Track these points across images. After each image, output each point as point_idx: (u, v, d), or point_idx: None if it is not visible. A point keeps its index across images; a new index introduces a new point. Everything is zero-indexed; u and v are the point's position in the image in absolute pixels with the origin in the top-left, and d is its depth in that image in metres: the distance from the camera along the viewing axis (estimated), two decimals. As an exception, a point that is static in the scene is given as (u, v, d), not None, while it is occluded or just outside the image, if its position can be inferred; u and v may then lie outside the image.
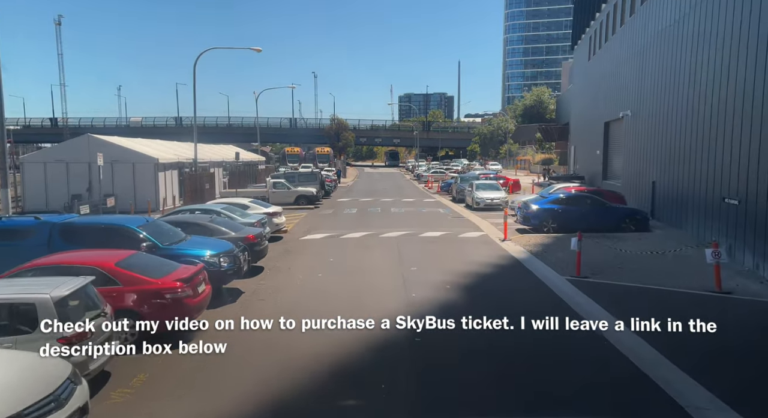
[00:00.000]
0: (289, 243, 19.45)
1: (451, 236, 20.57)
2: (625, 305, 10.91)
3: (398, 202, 34.36)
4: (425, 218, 26.15)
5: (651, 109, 23.90)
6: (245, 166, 44.63)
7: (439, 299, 12.00)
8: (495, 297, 12.44)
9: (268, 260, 15.85)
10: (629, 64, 27.81)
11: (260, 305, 11.90)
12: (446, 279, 13.67)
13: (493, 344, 8.55)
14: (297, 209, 30.08)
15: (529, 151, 78.16)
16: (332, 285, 13.47)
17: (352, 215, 27.47)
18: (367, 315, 8.09)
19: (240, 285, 13.12)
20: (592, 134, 37.66)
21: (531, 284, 13.67)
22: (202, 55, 32.20)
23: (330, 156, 77.68)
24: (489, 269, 15.57)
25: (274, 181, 30.86)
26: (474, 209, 28.76)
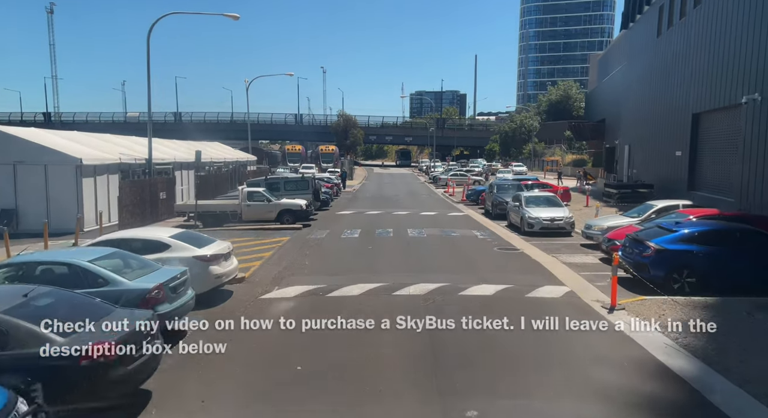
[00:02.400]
0: (234, 311, 10.89)
1: (516, 296, 11.91)
2: None
3: (416, 218, 25.71)
4: (460, 251, 17.51)
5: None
6: (229, 167, 36.20)
7: None
8: None
9: (161, 377, 7.38)
10: (755, 30, 18.98)
11: None
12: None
13: None
14: (279, 229, 21.57)
15: (557, 151, 69.15)
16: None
17: (352, 244, 18.88)
18: None
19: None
20: (665, 130, 28.77)
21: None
22: (160, 20, 23.74)
23: (335, 155, 68.92)
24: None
25: (249, 191, 22.34)
26: (526, 232, 20.08)
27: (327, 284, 12.78)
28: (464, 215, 27.33)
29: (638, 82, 35.52)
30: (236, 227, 21.64)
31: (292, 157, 67.97)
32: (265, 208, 22.18)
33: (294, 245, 18.42)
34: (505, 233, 21.00)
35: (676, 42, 27.88)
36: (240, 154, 40.39)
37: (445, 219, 25.71)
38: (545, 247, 17.57)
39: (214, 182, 30.60)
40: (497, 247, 17.67)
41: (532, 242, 18.67)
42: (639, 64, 35.58)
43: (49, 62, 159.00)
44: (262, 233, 20.66)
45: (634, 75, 37.07)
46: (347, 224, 23.75)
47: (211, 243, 11.80)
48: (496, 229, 22.03)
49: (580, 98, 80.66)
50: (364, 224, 23.70)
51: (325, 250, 17.56)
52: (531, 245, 17.94)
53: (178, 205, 22.07)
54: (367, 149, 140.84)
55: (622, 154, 39.67)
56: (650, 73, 32.41)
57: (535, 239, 19.19)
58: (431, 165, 66.30)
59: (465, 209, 30.18)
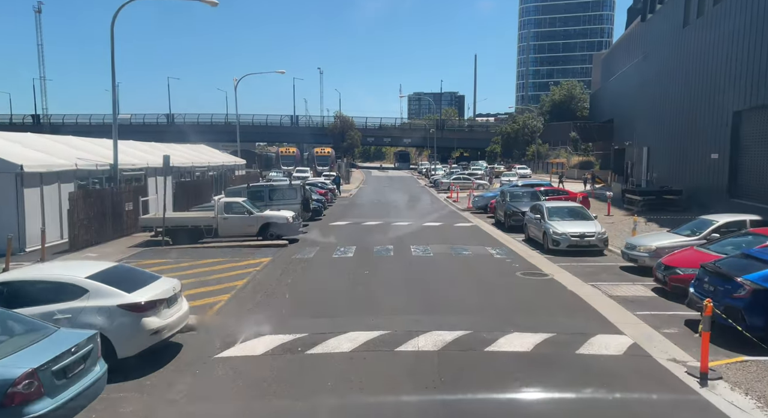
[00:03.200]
0: (172, 385, 7.66)
1: (563, 354, 8.70)
2: None
3: (419, 231, 22.55)
4: (477, 277, 14.31)
5: None
6: (214, 172, 32.98)
7: None
8: None
9: None
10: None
11: None
12: None
13: None
14: (261, 246, 18.36)
15: (562, 153, 66.05)
16: None
17: (345, 266, 15.69)
18: None
19: None
20: (695, 129, 25.65)
21: None
22: (126, 5, 20.50)
23: (331, 157, 65.55)
24: None
25: (227, 202, 19.12)
26: (550, 250, 16.90)
27: (309, 332, 9.59)
28: (473, 227, 24.16)
29: (658, 78, 32.40)
30: (211, 244, 18.45)
31: (286, 160, 64.55)
32: (245, 221, 18.98)
33: (275, 268, 15.22)
34: (524, 250, 17.83)
35: (709, 31, 24.78)
36: (227, 158, 37.15)
37: (451, 231, 22.54)
38: (579, 271, 14.40)
39: (195, 190, 27.38)
40: (520, 271, 14.47)
41: (560, 263, 15.50)
42: (659, 58, 32.48)
43: (37, 63, 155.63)
44: (241, 252, 17.48)
45: (652, 70, 33.96)
46: (341, 238, 20.56)
47: (150, 283, 8.60)
48: (512, 245, 18.86)
49: (584, 98, 77.66)
50: (360, 238, 20.52)
51: (311, 276, 14.36)
52: (560, 268, 14.77)
53: (144, 218, 18.89)
54: (365, 151, 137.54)
55: (639, 157, 36.55)
56: (674, 67, 29.30)
57: (563, 258, 16.03)
58: (431, 168, 63.15)
59: (472, 219, 27.02)
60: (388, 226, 24.05)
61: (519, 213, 21.88)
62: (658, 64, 32.59)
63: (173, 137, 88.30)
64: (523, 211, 21.72)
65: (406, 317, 10.47)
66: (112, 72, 20.97)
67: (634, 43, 46.67)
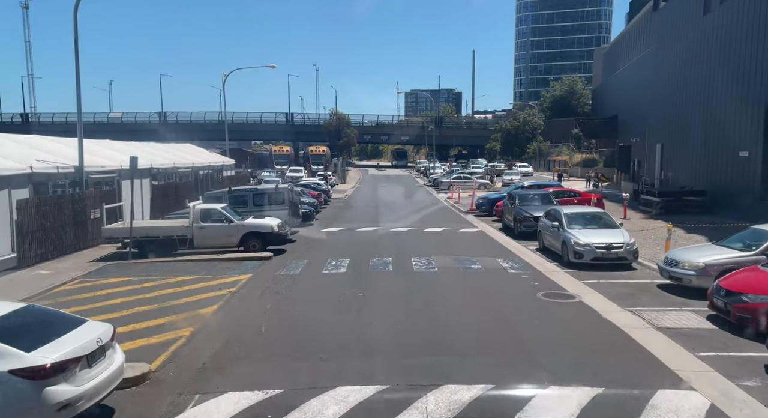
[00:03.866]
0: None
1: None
2: None
3: (420, 238, 20.34)
4: (491, 301, 12.06)
5: None
6: (199, 174, 30.66)
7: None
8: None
9: None
10: None
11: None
12: None
13: None
14: (242, 259, 16.09)
15: (564, 151, 63.84)
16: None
17: (335, 287, 13.43)
18: None
19: None
20: (720, 125, 23.46)
21: None
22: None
23: (326, 156, 63.08)
24: None
25: (203, 209, 16.81)
26: (571, 263, 14.67)
27: (285, 387, 7.35)
28: (479, 233, 21.92)
29: (673, 70, 30.17)
30: (185, 257, 16.18)
31: (280, 159, 62.05)
32: (224, 230, 16.70)
33: (254, 288, 12.97)
34: (540, 262, 15.60)
35: (735, 17, 22.57)
36: (214, 158, 34.80)
37: (456, 239, 20.31)
38: (610, 291, 12.17)
39: (177, 193, 25.07)
40: (542, 292, 12.23)
41: (585, 280, 13.28)
42: (674, 48, 30.24)
43: (25, 60, 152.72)
44: (217, 267, 15.21)
45: (666, 62, 31.73)
46: (333, 248, 18.31)
47: (64, 334, 6.31)
48: (526, 256, 16.62)
49: (586, 94, 75.44)
50: (354, 248, 18.27)
51: (295, 300, 12.09)
52: (588, 288, 12.54)
53: (108, 228, 16.57)
54: (362, 149, 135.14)
55: (651, 154, 34.35)
56: (693, 57, 27.08)
57: (587, 274, 13.80)
58: (430, 166, 60.87)
59: (477, 223, 24.80)
60: (385, 232, 21.82)
61: (531, 218, 19.67)
62: (673, 55, 30.36)
63: (165, 136, 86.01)
64: (535, 216, 19.52)
65: (410, 361, 8.24)
66: (76, 62, 18.75)
67: (642, 35, 44.40)
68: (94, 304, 11.52)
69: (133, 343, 9.01)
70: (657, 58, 33.69)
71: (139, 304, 11.52)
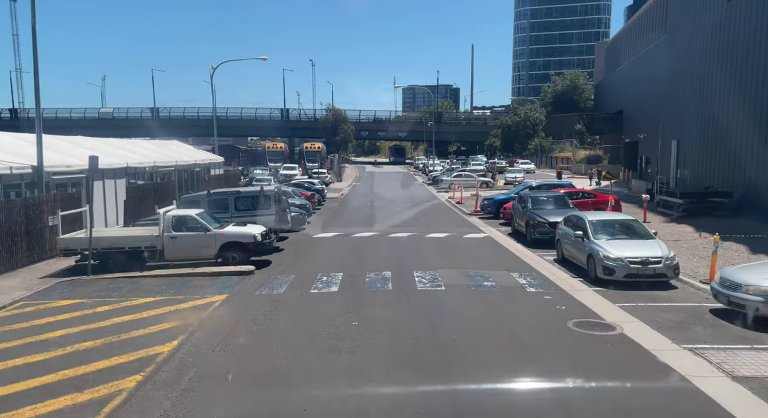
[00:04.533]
0: None
1: None
2: None
3: (423, 246, 18.19)
4: (513, 333, 9.89)
5: None
6: (183, 173, 28.41)
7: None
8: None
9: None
10: None
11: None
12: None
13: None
14: (218, 274, 13.93)
15: (567, 147, 61.70)
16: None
17: (326, 308, 11.29)
18: None
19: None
20: (750, 120, 21.34)
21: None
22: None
23: (321, 153, 60.69)
24: None
25: (175, 216, 14.61)
26: (600, 280, 12.53)
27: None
28: (487, 239, 19.78)
29: (692, 61, 28.02)
30: (153, 273, 14.00)
31: (273, 156, 59.59)
32: (199, 240, 14.51)
33: (228, 315, 10.82)
34: (562, 277, 13.47)
35: (765, 2, 20.43)
36: (201, 156, 32.54)
37: (462, 247, 18.16)
38: (655, 319, 10.04)
39: (156, 195, 22.82)
40: (572, 320, 10.09)
41: (620, 302, 11.16)
42: (693, 38, 28.07)
43: (13, 54, 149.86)
44: (190, 284, 13.05)
45: (682, 52, 29.56)
46: (324, 259, 16.15)
47: None
48: (544, 269, 14.49)
49: (588, 89, 73.29)
50: (349, 259, 16.12)
51: (275, 332, 9.90)
52: (626, 314, 10.41)
53: (64, 239, 14.33)
54: (359, 145, 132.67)
55: (665, 152, 32.24)
56: (715, 47, 24.92)
57: (622, 294, 11.67)
58: (429, 163, 58.68)
59: (483, 226, 22.66)
60: (383, 239, 19.67)
61: (545, 224, 17.54)
62: (691, 45, 28.20)
63: (157, 132, 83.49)
64: (550, 221, 17.40)
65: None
66: (33, 54, 16.49)
67: (651, 26, 42.30)
68: (26, 338, 9.36)
69: (51, 404, 6.84)
70: (671, 49, 31.54)
71: (83, 338, 9.36)
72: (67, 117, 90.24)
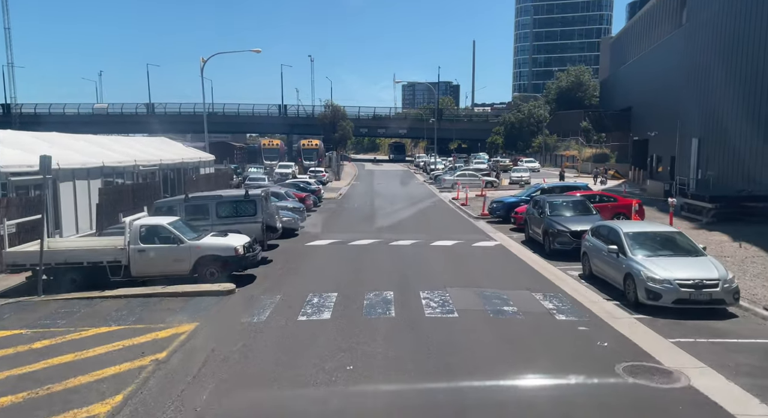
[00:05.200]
0: None
1: None
2: None
3: (428, 257, 16.10)
4: (545, 374, 7.87)
5: None
6: (168, 172, 26.30)
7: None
8: None
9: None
10: None
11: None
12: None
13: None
14: (193, 294, 11.84)
15: (572, 145, 59.59)
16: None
17: (315, 343, 9.22)
18: None
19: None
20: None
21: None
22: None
23: (319, 150, 58.44)
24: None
25: (144, 225, 12.52)
26: (641, 304, 10.47)
27: None
28: (499, 248, 17.70)
29: (715, 53, 25.91)
30: (116, 292, 11.92)
31: (269, 154, 57.34)
32: (171, 254, 12.43)
33: (192, 354, 8.74)
34: (594, 300, 11.40)
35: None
36: (190, 153, 30.37)
37: (472, 258, 16.09)
38: (727, 362, 7.99)
39: (135, 198, 20.64)
40: (621, 365, 8.02)
41: (674, 336, 9.10)
42: (717, 29, 25.96)
43: (5, 48, 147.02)
44: (156, 308, 10.98)
45: (704, 44, 27.45)
46: (317, 274, 14.08)
47: None
48: (571, 287, 12.42)
49: (593, 85, 71.10)
50: (344, 273, 14.04)
51: (248, 384, 7.82)
52: (686, 354, 8.35)
53: (11, 252, 12.23)
54: (359, 142, 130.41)
55: (683, 150, 30.16)
56: (745, 36, 22.81)
57: (673, 325, 9.62)
58: (430, 161, 56.52)
59: (492, 232, 20.60)
60: (384, 247, 17.60)
61: (567, 234, 15.49)
62: (717, 34, 26.07)
63: (153, 129, 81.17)
64: (573, 230, 15.38)
65: None
66: None
67: (662, 19, 40.21)
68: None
69: None
70: (690, 40, 29.42)
71: (4, 388, 7.31)
72: (60, 113, 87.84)
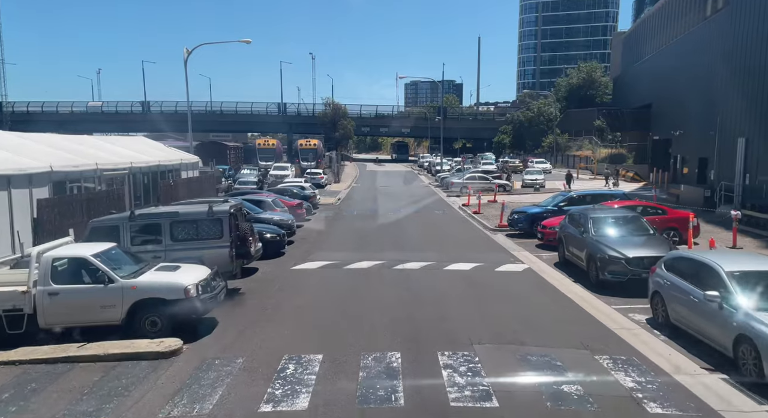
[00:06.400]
0: None
1: None
2: None
3: (446, 293, 12.52)
4: None
5: None
6: (140, 176, 22.78)
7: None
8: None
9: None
10: None
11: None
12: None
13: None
14: (119, 358, 8.33)
15: (585, 145, 55.92)
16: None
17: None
18: None
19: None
20: None
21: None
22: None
23: (318, 150, 54.79)
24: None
25: (63, 257, 9.04)
26: (758, 385, 7.00)
27: None
28: (529, 273, 14.15)
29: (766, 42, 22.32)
30: (7, 355, 8.44)
31: (265, 154, 53.66)
32: (96, 297, 8.95)
33: None
34: (691, 371, 7.90)
35: None
36: (171, 155, 26.88)
37: (500, 292, 12.54)
38: None
39: (88, 210, 17.00)
40: None
41: None
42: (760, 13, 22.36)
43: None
44: (51, 386, 7.50)
45: (753, 26, 23.86)
46: (298, 322, 10.55)
47: None
48: (647, 346, 8.88)
49: (605, 82, 67.40)
50: (335, 320, 10.51)
51: None
52: None
53: None
54: (361, 141, 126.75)
55: (724, 152, 26.57)
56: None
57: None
58: (435, 162, 52.98)
59: (516, 250, 17.06)
60: (388, 274, 14.08)
61: (622, 261, 11.93)
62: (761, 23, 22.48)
63: (148, 127, 77.64)
64: (630, 257, 11.85)
65: None
66: None
67: (685, 10, 36.68)
68: None
69: None
70: (735, 24, 25.81)
71: None
72: (53, 111, 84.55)
